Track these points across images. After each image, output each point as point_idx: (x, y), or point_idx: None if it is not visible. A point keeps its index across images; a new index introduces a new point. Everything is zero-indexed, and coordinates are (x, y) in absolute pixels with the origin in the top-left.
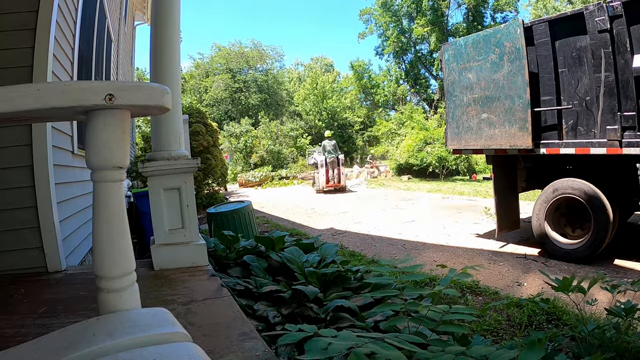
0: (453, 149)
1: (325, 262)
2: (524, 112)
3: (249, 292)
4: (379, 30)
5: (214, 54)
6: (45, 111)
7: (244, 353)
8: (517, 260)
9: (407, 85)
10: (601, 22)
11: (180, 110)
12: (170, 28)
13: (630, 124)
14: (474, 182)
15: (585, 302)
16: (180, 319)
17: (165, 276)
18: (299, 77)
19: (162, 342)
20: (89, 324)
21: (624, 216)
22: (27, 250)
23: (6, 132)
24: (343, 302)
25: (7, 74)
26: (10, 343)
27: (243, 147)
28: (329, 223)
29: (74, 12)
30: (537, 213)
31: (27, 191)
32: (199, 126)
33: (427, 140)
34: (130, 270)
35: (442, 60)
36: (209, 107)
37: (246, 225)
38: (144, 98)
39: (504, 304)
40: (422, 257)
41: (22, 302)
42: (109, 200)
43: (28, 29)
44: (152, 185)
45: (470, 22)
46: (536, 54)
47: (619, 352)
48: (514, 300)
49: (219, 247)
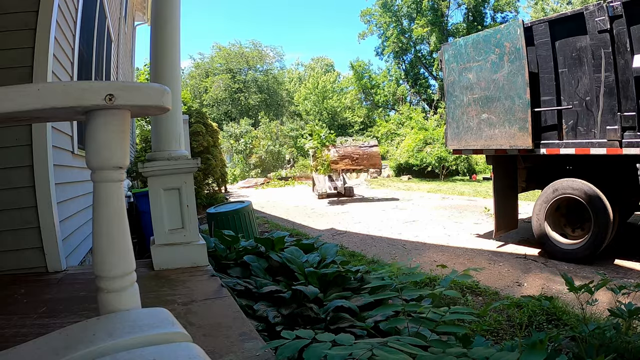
0: (453, 149)
1: (325, 263)
2: (524, 112)
3: (249, 292)
4: (379, 30)
5: (214, 54)
6: (46, 111)
7: (244, 353)
8: (517, 260)
9: (407, 86)
10: (601, 22)
11: (180, 111)
12: (170, 28)
13: (630, 124)
14: (474, 182)
15: (586, 302)
16: (180, 319)
17: (165, 276)
18: (300, 77)
19: (162, 342)
20: (89, 324)
21: (624, 216)
22: (27, 250)
23: (6, 132)
24: (343, 303)
25: (7, 74)
26: (10, 343)
27: (243, 149)
28: (329, 223)
29: (74, 12)
30: (537, 213)
31: (27, 191)
32: (199, 126)
33: (427, 140)
34: (130, 270)
35: (442, 61)
36: (209, 107)
37: (246, 226)
38: (143, 98)
39: (505, 304)
40: (422, 257)
41: (22, 302)
42: (109, 200)
43: (28, 29)
44: (152, 185)
45: (470, 22)
46: (536, 54)
47: (619, 352)
48: (515, 300)
49: (219, 247)
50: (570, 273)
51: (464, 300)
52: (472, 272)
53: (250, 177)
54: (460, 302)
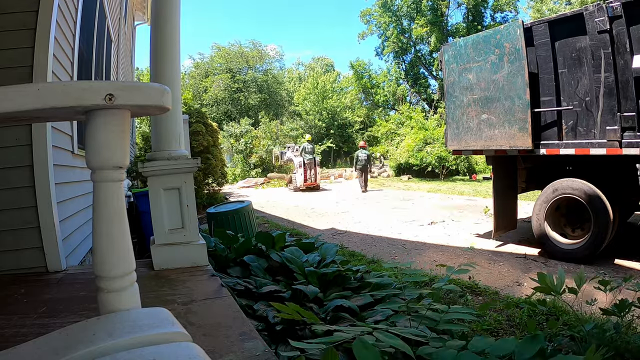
0: (453, 149)
1: (325, 262)
2: (524, 112)
3: (249, 292)
4: (379, 30)
5: (214, 53)
6: (46, 111)
7: (244, 353)
8: (517, 260)
9: (407, 85)
10: (601, 22)
11: (180, 110)
12: (170, 28)
13: (630, 125)
14: (474, 182)
15: (586, 302)
16: (180, 318)
17: (165, 276)
18: (299, 77)
19: (162, 342)
20: (89, 324)
21: (624, 216)
22: (27, 250)
23: (6, 132)
24: (343, 302)
25: (7, 73)
26: (10, 343)
27: (243, 149)
28: (329, 223)
29: (74, 12)
30: (537, 213)
31: (27, 191)
32: (199, 126)
33: (427, 140)
34: (130, 270)
35: (442, 61)
36: (209, 107)
37: (246, 225)
38: (143, 98)
39: (503, 303)
40: (422, 257)
41: (22, 302)
42: (109, 200)
43: (28, 29)
44: (152, 185)
45: (470, 22)
46: (536, 55)
47: (618, 351)
48: (513, 300)
49: (219, 246)
50: (570, 273)
51: (463, 300)
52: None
53: (250, 177)
54: (460, 302)
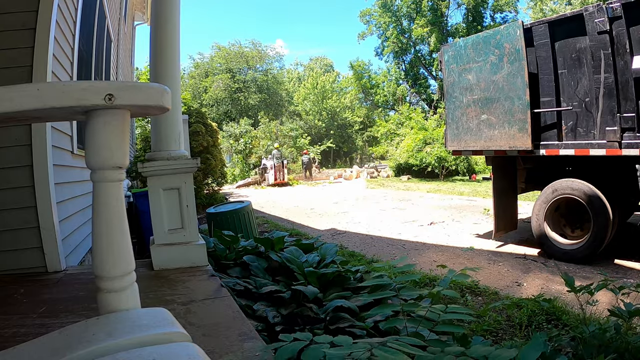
0: (453, 150)
1: (324, 263)
2: (524, 113)
3: (249, 292)
4: (379, 30)
5: (214, 53)
6: (45, 111)
7: (243, 353)
8: (516, 260)
9: (406, 86)
10: (601, 23)
11: (180, 111)
12: (170, 28)
13: (630, 125)
14: (473, 182)
15: (586, 302)
16: (179, 319)
17: (165, 276)
18: (299, 77)
19: (162, 342)
20: (88, 324)
21: (624, 216)
22: (26, 250)
23: (6, 132)
24: (342, 302)
25: (7, 73)
26: (10, 343)
27: (243, 149)
28: (328, 223)
29: (74, 12)
30: (536, 213)
31: (27, 191)
32: (198, 126)
33: (427, 140)
34: (130, 270)
35: (442, 62)
36: (209, 107)
37: (246, 226)
38: (143, 98)
39: (505, 304)
40: (422, 257)
41: (22, 302)
42: (108, 200)
43: (28, 29)
44: (152, 185)
45: (470, 23)
46: (536, 55)
47: (619, 353)
48: (515, 300)
49: (219, 247)
50: (570, 273)
51: (463, 300)
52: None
53: (250, 177)
54: (459, 302)
